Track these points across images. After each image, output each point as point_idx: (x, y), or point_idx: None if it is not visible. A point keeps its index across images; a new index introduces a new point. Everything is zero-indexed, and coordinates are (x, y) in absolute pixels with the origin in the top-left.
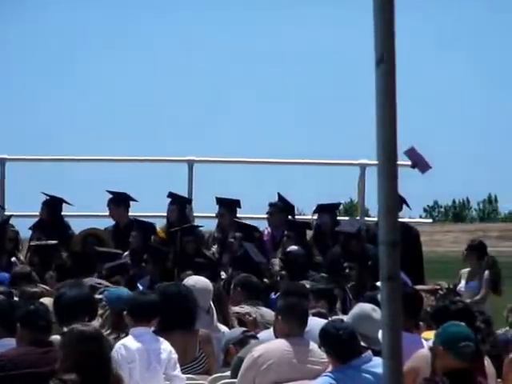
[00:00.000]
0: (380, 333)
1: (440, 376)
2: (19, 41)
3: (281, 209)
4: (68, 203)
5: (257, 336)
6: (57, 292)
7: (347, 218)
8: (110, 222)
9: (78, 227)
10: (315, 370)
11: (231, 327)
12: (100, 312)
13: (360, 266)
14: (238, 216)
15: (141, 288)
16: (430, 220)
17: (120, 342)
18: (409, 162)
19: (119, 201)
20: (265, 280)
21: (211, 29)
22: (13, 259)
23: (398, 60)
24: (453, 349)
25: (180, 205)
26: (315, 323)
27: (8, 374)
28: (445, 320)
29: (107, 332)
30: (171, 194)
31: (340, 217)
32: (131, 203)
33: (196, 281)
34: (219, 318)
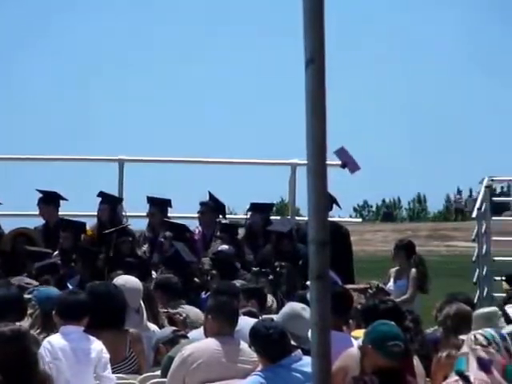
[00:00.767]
0: (310, 332)
1: (369, 375)
2: None
3: (212, 208)
4: None
5: (187, 335)
6: None
7: (279, 218)
8: (40, 221)
9: (8, 226)
10: (245, 369)
11: (161, 326)
12: (30, 312)
13: (291, 266)
14: (170, 215)
15: (70, 287)
16: (360, 219)
17: (47, 339)
18: (339, 162)
19: (49, 200)
20: (195, 279)
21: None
22: None
23: (328, 60)
24: (382, 348)
25: (111, 204)
26: (245, 322)
27: None
28: (374, 319)
29: (37, 331)
30: (102, 194)
31: (272, 216)
32: (61, 202)
33: (126, 280)
34: (149, 318)
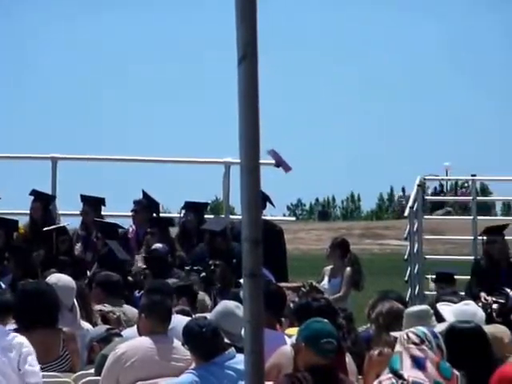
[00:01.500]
0: (243, 329)
1: (302, 372)
2: None
3: (145, 206)
4: None
5: (121, 334)
6: None
7: (212, 216)
8: None
9: None
10: (179, 367)
11: (95, 325)
12: None
13: (225, 264)
14: (103, 214)
15: (3, 286)
16: (294, 218)
17: None
18: (272, 161)
19: None
20: (129, 278)
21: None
22: None
23: (262, 57)
24: (315, 345)
25: (43, 202)
26: (179, 321)
27: None
28: (307, 317)
29: None
30: (34, 192)
31: (206, 215)
32: None
33: (58, 278)
34: (83, 316)
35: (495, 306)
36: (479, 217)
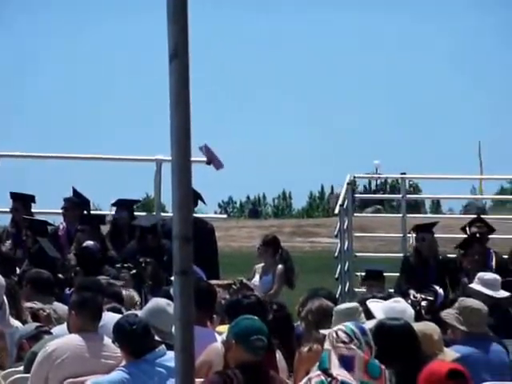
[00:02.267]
0: (174, 327)
1: (232, 369)
2: None
3: (76, 204)
4: None
5: (51, 331)
6: None
7: (144, 214)
8: None
9: None
10: (109, 365)
11: (25, 323)
12: None
13: (155, 261)
14: (33, 211)
15: None
16: (225, 215)
17: None
18: (204, 158)
19: None
20: (59, 275)
21: None
22: None
23: (194, 54)
24: (245, 342)
25: None
26: (109, 318)
27: None
28: (238, 314)
29: None
30: None
31: (137, 212)
32: None
33: None
34: (12, 314)
35: (424, 304)
36: (408, 214)
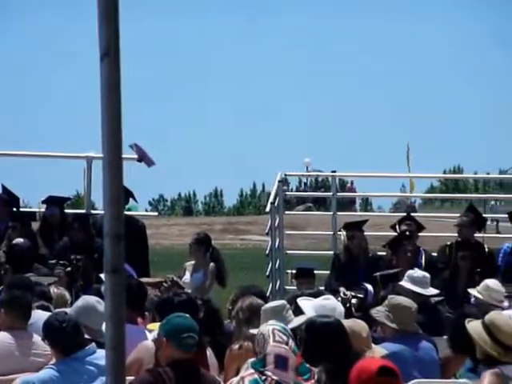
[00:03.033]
0: (104, 325)
1: (163, 367)
2: None
3: (5, 201)
4: None
5: None
6: None
7: (75, 211)
8: None
9: None
10: (38, 363)
11: None
12: None
13: (86, 259)
14: None
15: None
16: (156, 213)
17: None
18: (135, 156)
19: None
20: None
21: None
22: None
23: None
24: (176, 340)
25: None
26: (39, 316)
27: None
28: (169, 312)
29: None
30: None
31: (68, 210)
32: None
33: None
34: None
35: (354, 301)
36: (339, 212)
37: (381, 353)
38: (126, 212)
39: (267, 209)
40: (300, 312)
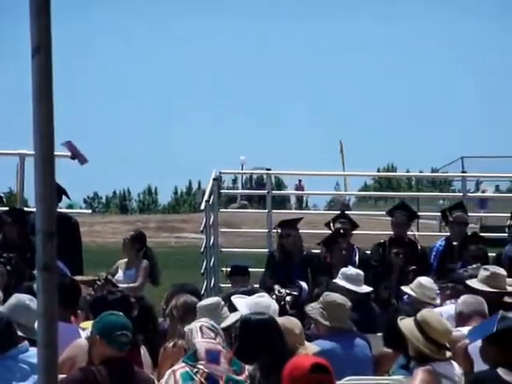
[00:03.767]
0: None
1: (96, 365)
2: None
3: None
4: None
5: None
6: None
7: (6, 209)
8: None
9: None
10: None
11: None
12: None
13: (19, 256)
14: None
15: None
16: (90, 211)
17: None
18: (68, 153)
19: None
20: None
21: None
22: None
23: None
24: (109, 338)
25: None
26: None
27: None
28: (102, 310)
29: None
30: None
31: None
32: None
33: None
34: None
35: (289, 299)
36: (274, 210)
37: (313, 350)
38: (67, 209)
39: (202, 207)
40: (234, 310)
